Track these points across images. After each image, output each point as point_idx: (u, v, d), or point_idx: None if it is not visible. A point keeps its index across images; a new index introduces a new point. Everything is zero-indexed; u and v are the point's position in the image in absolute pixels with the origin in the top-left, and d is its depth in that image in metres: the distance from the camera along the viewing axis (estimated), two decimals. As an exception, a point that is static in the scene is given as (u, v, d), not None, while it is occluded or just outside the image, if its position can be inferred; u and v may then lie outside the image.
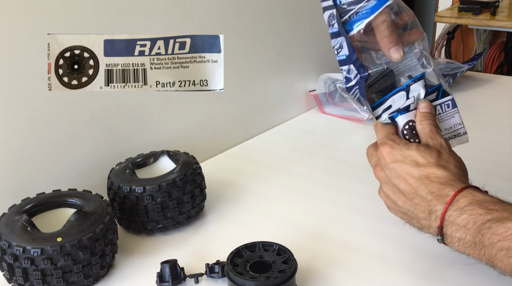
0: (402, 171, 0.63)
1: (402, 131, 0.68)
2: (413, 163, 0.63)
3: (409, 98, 0.69)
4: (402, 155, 0.64)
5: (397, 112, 0.69)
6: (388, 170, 0.65)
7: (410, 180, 0.62)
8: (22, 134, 0.81)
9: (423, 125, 0.67)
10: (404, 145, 0.65)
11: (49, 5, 0.81)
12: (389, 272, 0.70)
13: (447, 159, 0.63)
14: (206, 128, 1.09)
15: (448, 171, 0.61)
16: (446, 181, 0.60)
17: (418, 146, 0.64)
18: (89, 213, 0.70)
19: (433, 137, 0.65)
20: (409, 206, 0.63)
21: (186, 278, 0.69)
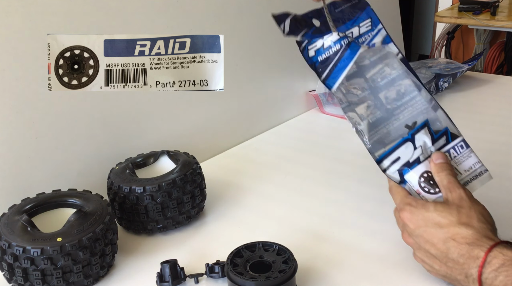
0: (428, 235, 0.62)
1: (419, 185, 0.67)
2: (435, 225, 0.62)
3: (416, 148, 0.67)
4: (423, 219, 0.63)
5: (407, 166, 0.67)
6: (415, 236, 0.64)
7: (438, 244, 0.61)
8: (22, 134, 0.81)
9: (440, 177, 0.66)
10: (422, 207, 0.64)
11: (49, 5, 0.81)
12: (389, 272, 0.70)
13: (469, 213, 0.62)
14: (206, 128, 1.09)
15: (472, 228, 0.60)
16: (472, 241, 0.59)
17: (436, 205, 0.63)
18: (89, 213, 0.70)
19: (452, 190, 0.64)
20: (446, 270, 0.62)
21: (186, 278, 0.69)
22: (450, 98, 1.34)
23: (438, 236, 0.61)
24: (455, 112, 1.30)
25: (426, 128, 0.68)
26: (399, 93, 0.70)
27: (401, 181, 0.68)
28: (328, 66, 0.69)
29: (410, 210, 0.65)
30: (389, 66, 0.70)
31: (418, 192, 0.67)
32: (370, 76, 0.70)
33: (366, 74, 0.70)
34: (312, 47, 0.71)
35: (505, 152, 1.03)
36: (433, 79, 1.32)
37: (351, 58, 0.68)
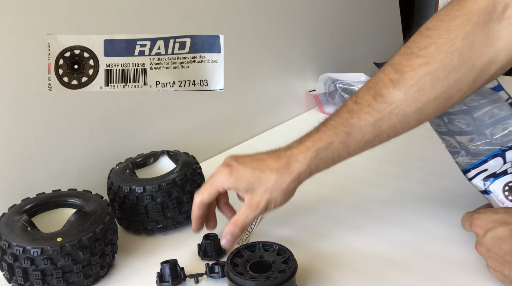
0: (495, 235, 0.61)
1: (503, 193, 0.68)
2: (503, 223, 0.61)
3: (506, 162, 0.69)
4: (492, 221, 0.62)
5: (493, 176, 0.69)
6: (484, 242, 0.63)
7: (504, 243, 0.60)
8: (22, 134, 0.81)
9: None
10: (491, 211, 0.63)
11: (49, 5, 0.81)
12: (389, 272, 0.70)
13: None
14: (206, 128, 1.09)
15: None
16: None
17: (506, 208, 0.63)
18: (89, 213, 0.70)
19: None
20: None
21: (186, 278, 0.69)
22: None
23: (503, 234, 0.60)
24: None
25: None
26: (505, 129, 0.73)
27: (484, 191, 0.70)
28: None
29: (478, 216, 0.64)
30: (498, 109, 0.74)
31: (502, 201, 0.68)
32: (477, 116, 0.74)
33: (474, 114, 0.74)
34: None
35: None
36: (433, 79, 1.32)
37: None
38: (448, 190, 0.89)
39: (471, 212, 0.68)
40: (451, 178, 0.94)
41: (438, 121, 0.75)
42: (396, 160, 1.03)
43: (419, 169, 0.99)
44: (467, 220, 0.67)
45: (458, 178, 0.94)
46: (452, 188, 0.90)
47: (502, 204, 0.68)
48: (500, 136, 0.72)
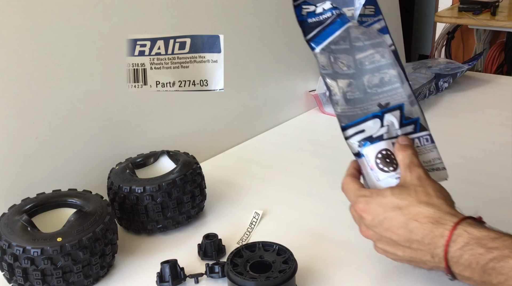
0: (388, 222, 0.60)
1: (375, 160, 0.66)
2: (395, 209, 0.60)
3: (383, 126, 0.67)
4: (381, 206, 0.61)
5: (369, 140, 0.67)
6: (374, 226, 0.62)
7: (400, 229, 0.60)
8: (22, 134, 0.81)
9: (403, 155, 0.64)
10: (379, 195, 0.62)
11: (49, 5, 0.81)
12: (389, 272, 0.70)
13: (427, 191, 0.60)
14: (206, 128, 1.09)
15: (433, 206, 0.59)
16: (435, 220, 0.58)
17: (393, 189, 0.62)
18: (89, 213, 0.70)
19: (412, 169, 0.63)
20: (411, 254, 0.60)
21: (186, 278, 0.69)
22: (450, 98, 1.34)
23: (399, 219, 0.59)
24: (455, 112, 1.30)
25: (399, 111, 0.68)
26: (382, 81, 0.70)
27: (357, 154, 0.68)
28: (316, 29, 0.70)
29: (365, 201, 0.63)
30: (379, 54, 0.71)
31: (371, 167, 0.66)
32: (359, 58, 0.71)
33: (356, 55, 0.70)
34: (306, 8, 0.72)
35: (505, 152, 1.03)
36: (433, 79, 1.32)
37: (339, 27, 0.69)
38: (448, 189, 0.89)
39: (354, 180, 0.67)
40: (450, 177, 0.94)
41: (323, 60, 0.70)
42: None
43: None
44: (350, 195, 0.66)
45: (458, 178, 0.94)
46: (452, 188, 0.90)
47: (371, 170, 0.66)
48: (375, 87, 0.69)
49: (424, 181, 0.62)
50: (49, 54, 0.83)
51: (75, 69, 0.86)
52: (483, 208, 0.66)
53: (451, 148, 1.08)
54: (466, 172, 0.96)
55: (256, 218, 0.83)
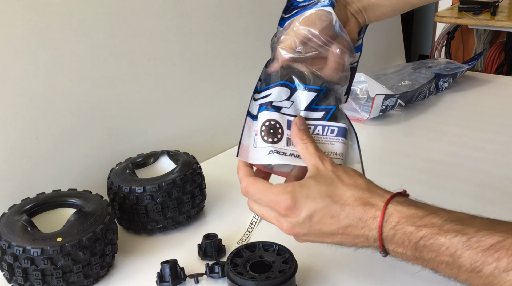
0: (319, 213, 0.58)
1: (260, 127, 0.63)
2: (325, 197, 0.57)
3: (289, 100, 0.64)
4: (308, 197, 0.58)
5: (266, 106, 0.64)
6: (302, 223, 0.58)
7: (333, 218, 0.57)
8: (22, 134, 0.81)
9: (306, 144, 0.61)
10: (302, 186, 0.58)
11: (49, 6, 0.81)
12: (389, 272, 0.70)
13: (348, 173, 0.59)
14: (206, 128, 1.09)
15: (360, 188, 0.58)
16: (366, 201, 0.57)
17: (315, 178, 0.59)
18: (89, 213, 0.70)
19: (323, 159, 0.60)
20: (341, 239, 0.59)
21: (186, 278, 0.70)
22: (450, 98, 1.34)
23: (331, 208, 0.57)
24: (455, 112, 1.30)
25: (315, 93, 0.65)
26: None
27: (255, 116, 0.65)
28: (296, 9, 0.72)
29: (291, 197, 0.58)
30: None
31: (256, 132, 0.64)
32: None
33: None
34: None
35: (505, 151, 1.03)
36: (433, 79, 1.32)
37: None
38: (448, 189, 0.90)
39: (254, 178, 0.63)
40: (450, 177, 0.94)
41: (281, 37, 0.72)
42: (397, 160, 1.03)
43: (419, 168, 0.99)
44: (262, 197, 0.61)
45: (457, 177, 0.94)
46: (452, 187, 0.90)
47: (255, 135, 0.64)
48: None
49: (338, 167, 0.60)
50: (49, 54, 0.83)
51: (75, 69, 0.86)
52: (483, 208, 0.66)
53: (451, 147, 1.08)
54: (465, 171, 0.96)
55: (256, 218, 0.83)
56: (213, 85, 1.10)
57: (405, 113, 1.26)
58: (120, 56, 0.93)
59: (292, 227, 0.60)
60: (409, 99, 1.26)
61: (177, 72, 1.03)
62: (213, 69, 1.10)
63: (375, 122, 1.21)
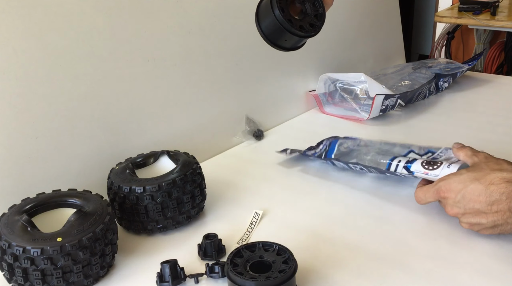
0: (469, 193, 0.70)
1: (423, 167, 0.82)
2: (473, 180, 0.70)
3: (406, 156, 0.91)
4: (460, 182, 0.72)
5: (409, 163, 0.85)
6: (458, 202, 0.72)
7: (481, 196, 0.69)
8: (22, 134, 0.81)
9: (464, 151, 0.80)
10: (455, 175, 0.74)
11: (49, 5, 0.81)
12: (389, 272, 0.70)
13: (497, 161, 0.73)
14: (206, 128, 1.09)
15: (505, 170, 0.70)
16: (509, 179, 0.68)
17: (467, 168, 0.74)
18: (89, 213, 0.70)
19: (476, 154, 0.77)
20: (493, 217, 0.69)
21: (186, 278, 0.70)
22: (450, 98, 1.34)
23: (478, 188, 0.69)
24: (455, 112, 1.30)
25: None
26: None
27: (409, 173, 0.84)
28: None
29: (445, 182, 0.73)
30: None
31: (425, 173, 0.81)
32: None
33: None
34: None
35: (505, 151, 1.03)
36: (433, 79, 1.32)
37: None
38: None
39: (425, 185, 0.79)
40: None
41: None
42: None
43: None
44: (429, 191, 0.76)
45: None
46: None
47: (426, 175, 0.81)
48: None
49: (491, 157, 0.75)
50: (49, 54, 0.83)
51: (75, 69, 0.86)
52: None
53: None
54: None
55: (256, 218, 0.83)
56: (213, 85, 1.10)
57: (405, 113, 1.26)
58: (120, 56, 0.93)
59: (451, 208, 0.74)
60: (409, 99, 1.26)
61: (177, 72, 1.03)
62: (213, 69, 1.10)
63: (375, 122, 1.21)
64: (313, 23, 0.69)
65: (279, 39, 0.69)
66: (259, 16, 0.69)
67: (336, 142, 1.02)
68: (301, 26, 0.68)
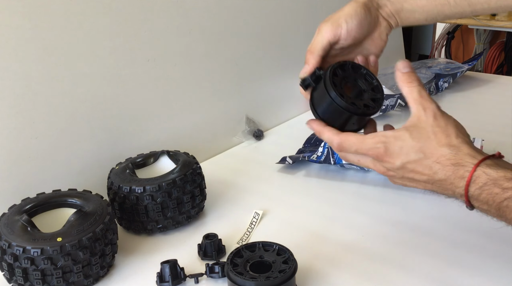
0: (412, 165, 0.62)
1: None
2: (417, 152, 0.61)
3: None
4: (401, 149, 0.62)
5: None
6: (396, 169, 0.63)
7: (424, 171, 0.61)
8: (22, 134, 0.81)
9: (410, 88, 0.63)
10: (396, 139, 0.62)
11: (49, 5, 0.81)
12: (389, 272, 0.70)
13: (446, 131, 0.61)
14: (206, 128, 1.09)
15: (453, 147, 0.60)
16: (456, 162, 0.60)
17: (411, 132, 0.62)
18: (89, 213, 0.70)
19: (425, 106, 0.62)
20: (432, 188, 0.63)
21: (186, 278, 0.69)
22: (450, 98, 1.34)
23: (423, 163, 0.61)
24: (455, 112, 1.30)
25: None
26: None
27: None
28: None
29: (384, 147, 0.62)
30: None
31: None
32: None
33: None
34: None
35: (505, 152, 1.03)
36: (433, 79, 1.32)
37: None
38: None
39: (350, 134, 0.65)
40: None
41: None
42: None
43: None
44: (362, 148, 0.64)
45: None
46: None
47: None
48: None
49: (440, 119, 0.62)
50: (49, 54, 0.83)
51: (75, 69, 0.86)
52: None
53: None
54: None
55: (256, 218, 0.83)
56: (213, 85, 1.10)
57: (405, 113, 1.26)
58: (120, 56, 0.93)
59: (387, 171, 0.65)
60: (409, 99, 1.26)
61: (177, 72, 1.03)
62: (213, 69, 1.10)
63: (375, 122, 1.21)
64: (373, 98, 0.66)
65: (347, 125, 0.66)
66: (317, 106, 0.67)
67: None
68: (366, 105, 0.65)
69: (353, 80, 0.67)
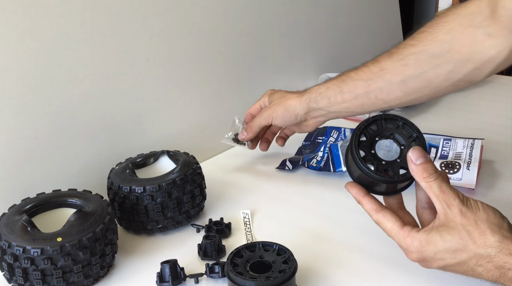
0: (452, 268, 0.60)
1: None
2: (453, 252, 0.58)
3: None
4: (436, 254, 0.59)
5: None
6: (437, 268, 0.61)
7: (467, 272, 0.59)
8: (22, 134, 0.81)
9: (429, 184, 0.59)
10: (429, 243, 0.59)
11: (49, 5, 0.81)
12: (389, 272, 0.70)
13: (479, 229, 0.57)
14: (206, 128, 1.09)
15: (491, 246, 0.56)
16: (500, 265, 0.56)
17: (441, 233, 0.58)
18: (89, 213, 0.70)
19: (449, 204, 0.58)
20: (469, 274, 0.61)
21: (186, 278, 0.70)
22: (450, 98, 1.34)
23: (463, 266, 0.59)
24: (455, 112, 1.30)
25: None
26: None
27: None
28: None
29: (417, 251, 0.60)
30: None
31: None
32: None
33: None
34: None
35: (505, 152, 1.03)
36: (433, 79, 1.32)
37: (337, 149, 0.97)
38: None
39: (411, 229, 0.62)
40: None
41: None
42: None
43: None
44: (410, 247, 0.62)
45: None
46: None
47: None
48: None
49: (468, 215, 0.57)
50: (49, 54, 0.83)
51: (75, 69, 0.86)
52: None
53: (451, 148, 1.07)
54: (466, 172, 0.95)
55: (247, 217, 0.83)
56: (213, 85, 1.10)
57: (405, 114, 1.26)
58: (120, 56, 0.93)
59: (423, 264, 0.63)
60: (409, 99, 1.26)
61: (177, 72, 1.03)
62: (213, 69, 1.10)
63: (375, 122, 1.21)
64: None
65: (380, 190, 0.66)
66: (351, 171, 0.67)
67: (336, 146, 0.97)
68: (402, 167, 0.62)
69: (388, 135, 0.64)
